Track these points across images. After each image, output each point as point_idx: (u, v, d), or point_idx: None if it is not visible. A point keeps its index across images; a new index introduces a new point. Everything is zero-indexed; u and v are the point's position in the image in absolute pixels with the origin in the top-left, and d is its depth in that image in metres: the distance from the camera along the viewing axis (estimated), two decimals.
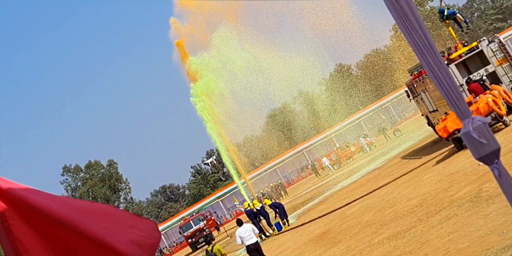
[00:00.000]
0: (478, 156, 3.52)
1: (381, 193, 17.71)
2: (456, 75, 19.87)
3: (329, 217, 19.35)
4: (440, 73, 3.57)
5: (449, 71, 3.59)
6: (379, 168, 27.38)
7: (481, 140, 3.45)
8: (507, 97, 17.99)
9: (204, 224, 43.98)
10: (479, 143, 3.46)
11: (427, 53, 3.55)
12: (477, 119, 3.52)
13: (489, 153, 3.48)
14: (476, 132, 3.46)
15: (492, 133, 3.49)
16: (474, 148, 3.51)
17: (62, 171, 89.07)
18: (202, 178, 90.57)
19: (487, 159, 3.51)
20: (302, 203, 33.06)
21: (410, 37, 3.52)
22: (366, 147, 50.77)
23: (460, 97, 3.58)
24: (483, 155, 3.49)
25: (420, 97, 22.94)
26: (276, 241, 21.67)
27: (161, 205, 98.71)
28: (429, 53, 3.56)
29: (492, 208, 8.90)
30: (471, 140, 3.49)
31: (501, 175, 3.53)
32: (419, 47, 3.54)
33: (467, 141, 3.53)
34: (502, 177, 3.54)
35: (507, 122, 17.14)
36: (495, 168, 3.51)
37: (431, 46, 3.54)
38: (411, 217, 11.61)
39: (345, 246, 12.82)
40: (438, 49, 4.02)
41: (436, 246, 8.55)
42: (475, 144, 3.49)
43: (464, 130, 3.52)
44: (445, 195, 11.75)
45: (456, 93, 3.59)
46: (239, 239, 15.57)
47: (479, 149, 3.48)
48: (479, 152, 3.49)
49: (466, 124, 3.52)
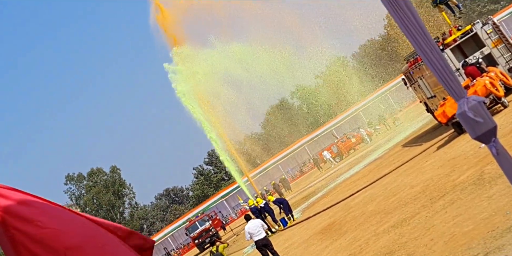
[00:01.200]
0: (475, 136, 3.52)
1: (384, 182, 17.63)
2: (452, 59, 19.76)
3: (334, 209, 19.27)
4: (432, 56, 3.56)
5: (441, 53, 3.56)
6: (380, 158, 27.29)
7: (477, 119, 3.45)
8: (504, 78, 17.86)
9: (210, 224, 43.91)
10: (475, 122, 3.46)
11: (419, 37, 3.53)
12: (472, 99, 3.52)
13: (486, 132, 3.48)
14: (471, 112, 3.46)
15: (488, 112, 3.48)
16: (470, 128, 3.51)
17: (65, 180, 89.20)
18: (205, 179, 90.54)
19: (485, 138, 3.51)
20: (306, 197, 32.97)
21: (401, 22, 3.50)
22: (366, 137, 50.69)
23: (454, 78, 3.57)
24: (480, 134, 3.49)
25: (417, 84, 22.86)
26: (283, 236, 21.59)
27: (166, 208, 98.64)
28: (420, 36, 3.54)
29: (495, 189, 8.79)
30: (467, 120, 3.50)
31: (499, 153, 3.53)
32: (410, 31, 3.51)
33: (463, 121, 3.53)
34: (500, 155, 3.54)
35: (506, 103, 17.02)
36: (492, 147, 3.52)
37: (422, 29, 3.52)
38: (415, 204, 11.52)
39: (351, 236, 12.75)
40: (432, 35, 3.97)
41: (441, 230, 8.44)
42: (471, 124, 3.49)
43: (459, 110, 3.52)
44: (447, 180, 11.65)
45: (449, 74, 3.58)
46: (248, 235, 15.49)
47: (475, 128, 3.48)
48: (476, 132, 3.49)
49: (461, 104, 3.52)
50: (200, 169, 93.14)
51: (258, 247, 15.48)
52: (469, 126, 3.51)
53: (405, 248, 8.85)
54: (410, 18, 3.50)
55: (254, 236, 15.31)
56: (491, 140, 3.52)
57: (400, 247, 9.12)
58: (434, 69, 3.59)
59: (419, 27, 3.51)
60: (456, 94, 3.57)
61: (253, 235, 15.32)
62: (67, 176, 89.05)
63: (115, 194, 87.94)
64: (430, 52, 3.54)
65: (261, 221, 16.24)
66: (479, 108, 3.48)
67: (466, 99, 3.52)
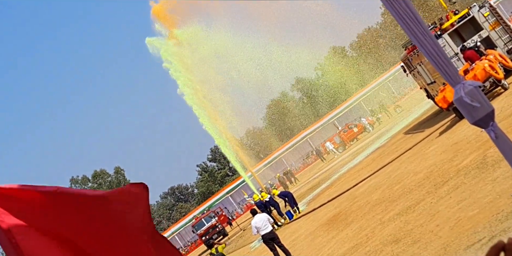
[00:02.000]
0: (473, 121, 3.51)
1: (388, 170, 17.56)
2: (450, 44, 19.67)
3: (339, 199, 19.22)
4: (426, 41, 3.53)
5: (435, 39, 3.54)
6: (383, 146, 27.20)
7: (474, 104, 3.44)
8: (503, 60, 17.73)
9: (216, 220, 43.90)
10: (472, 107, 3.45)
11: (411, 23, 3.49)
12: (468, 84, 3.50)
13: (484, 117, 3.46)
14: (468, 97, 3.44)
15: (484, 96, 3.46)
16: (468, 113, 3.50)
17: (70, 183, 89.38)
18: (209, 175, 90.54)
19: (483, 123, 3.50)
20: (310, 189, 32.92)
21: (393, 9, 3.45)
22: (368, 126, 50.58)
23: (449, 63, 3.54)
24: (477, 119, 3.48)
25: (416, 70, 22.74)
26: (289, 229, 21.55)
27: (172, 206, 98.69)
28: (413, 23, 3.50)
29: (498, 172, 8.70)
30: (464, 105, 3.48)
31: (498, 137, 3.52)
32: (403, 18, 3.46)
33: (460, 107, 3.50)
34: (499, 138, 3.53)
35: (506, 86, 16.90)
36: (491, 131, 3.51)
37: (414, 16, 3.48)
38: (419, 190, 11.45)
39: (357, 226, 12.69)
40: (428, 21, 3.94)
41: (446, 216, 8.37)
42: (468, 109, 3.47)
43: (456, 96, 3.50)
44: (451, 165, 11.58)
45: (444, 59, 3.55)
46: (255, 229, 15.44)
47: (473, 113, 3.47)
48: (474, 117, 3.47)
49: (457, 90, 3.50)
50: (204, 166, 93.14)
51: (265, 241, 15.44)
52: (467, 111, 3.49)
53: (411, 235, 8.78)
54: (402, 5, 3.44)
55: (261, 230, 15.27)
56: (489, 124, 3.50)
57: (406, 235, 9.05)
58: (429, 55, 3.57)
59: (411, 14, 3.46)
60: (452, 80, 3.55)
61: (260, 229, 15.28)
62: (71, 179, 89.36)
63: None
64: (424, 38, 3.51)
65: (267, 215, 16.19)
66: (476, 93, 3.46)
67: (463, 85, 3.49)
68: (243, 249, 25.47)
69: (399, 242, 8.97)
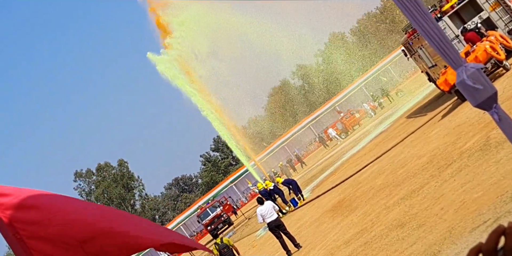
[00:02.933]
0: (476, 104, 3.47)
1: (391, 155, 17.51)
2: (450, 26, 19.52)
3: (343, 186, 19.19)
4: (426, 24, 3.49)
5: (435, 22, 3.50)
6: (386, 131, 27.14)
7: (477, 86, 3.40)
8: (504, 41, 17.58)
9: (221, 210, 43.95)
10: (475, 90, 3.41)
11: (410, 5, 3.45)
12: (470, 66, 3.45)
13: (487, 99, 3.42)
14: (470, 79, 3.41)
15: (487, 78, 3.41)
16: (471, 96, 3.45)
17: (74, 177, 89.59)
18: (213, 165, 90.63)
19: (485, 105, 3.45)
20: (314, 176, 32.91)
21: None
22: (370, 112, 50.46)
23: (450, 46, 3.50)
24: (480, 102, 3.44)
25: (417, 54, 22.60)
26: (294, 216, 21.56)
27: (177, 197, 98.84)
28: (412, 5, 3.46)
29: (502, 153, 8.63)
30: (467, 88, 3.44)
31: (501, 119, 3.47)
32: (401, 0, 3.42)
33: (463, 90, 3.47)
34: (502, 120, 3.48)
35: (508, 67, 16.78)
36: (494, 113, 3.46)
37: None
38: (423, 174, 11.40)
39: (361, 212, 12.66)
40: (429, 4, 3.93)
41: (451, 199, 8.32)
42: (471, 92, 3.43)
43: (458, 79, 3.46)
44: (454, 148, 11.50)
45: (445, 42, 3.51)
46: (260, 217, 15.45)
47: (476, 96, 3.43)
48: (477, 99, 3.44)
49: (460, 73, 3.47)
50: (207, 156, 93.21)
51: (271, 229, 15.45)
52: (469, 94, 3.44)
53: (416, 219, 8.74)
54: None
55: (267, 218, 15.29)
56: (492, 106, 3.45)
57: (411, 219, 9.01)
58: (430, 38, 3.53)
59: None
60: (454, 62, 3.51)
61: (265, 217, 15.30)
62: (75, 173, 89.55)
63: (125, 187, 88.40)
64: (424, 21, 3.48)
65: (272, 203, 16.20)
66: (478, 75, 3.42)
67: (464, 67, 3.45)
68: (249, 237, 25.51)
69: (404, 226, 8.93)
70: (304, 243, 14.43)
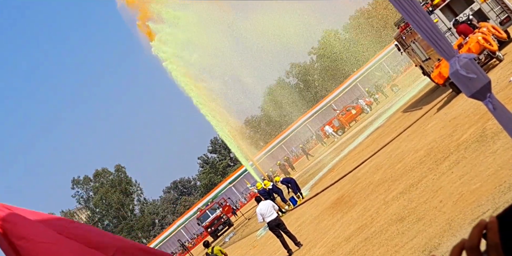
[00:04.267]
0: (470, 94, 3.49)
1: (388, 149, 17.48)
2: (442, 19, 19.50)
3: (341, 182, 19.15)
4: (419, 18, 3.52)
5: (427, 14, 3.53)
6: (382, 126, 27.11)
7: (470, 76, 3.43)
8: (496, 32, 17.56)
9: (221, 211, 43.87)
10: (468, 80, 3.44)
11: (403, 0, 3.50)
12: (463, 57, 3.49)
13: (480, 88, 3.45)
14: (463, 69, 3.44)
15: (480, 68, 3.42)
16: (465, 86, 3.49)
17: (72, 184, 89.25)
18: (211, 167, 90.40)
19: (480, 95, 3.48)
20: (312, 174, 32.88)
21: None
22: (366, 107, 50.44)
23: (442, 38, 3.54)
24: (475, 92, 3.46)
25: (410, 48, 22.59)
26: (294, 215, 21.51)
27: (176, 200, 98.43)
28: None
29: (498, 144, 8.59)
30: (460, 78, 3.48)
31: (496, 108, 3.50)
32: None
33: (456, 80, 3.49)
34: (497, 110, 3.51)
35: (501, 57, 16.76)
36: (489, 102, 3.49)
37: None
38: (420, 168, 11.36)
39: (361, 208, 12.62)
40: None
41: (449, 191, 8.28)
42: (465, 82, 3.47)
43: (452, 69, 3.49)
44: (450, 140, 11.47)
45: (437, 34, 3.55)
46: (260, 217, 15.38)
47: (469, 86, 3.46)
48: (471, 89, 3.46)
49: (452, 64, 3.49)
50: (204, 158, 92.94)
51: (271, 228, 15.39)
52: (463, 84, 3.48)
53: (415, 213, 8.69)
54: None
55: (266, 217, 15.22)
56: (487, 96, 3.48)
57: (410, 213, 8.97)
58: (422, 31, 3.57)
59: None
60: (446, 54, 3.54)
61: (265, 216, 15.23)
62: (73, 180, 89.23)
63: (123, 192, 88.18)
64: (416, 14, 3.50)
65: (271, 202, 16.14)
66: (471, 65, 3.45)
67: (457, 58, 3.48)
68: (249, 237, 25.45)
69: (403, 220, 8.89)
70: (304, 241, 14.37)
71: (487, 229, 1.02)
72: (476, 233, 1.02)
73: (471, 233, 1.02)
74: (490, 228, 1.01)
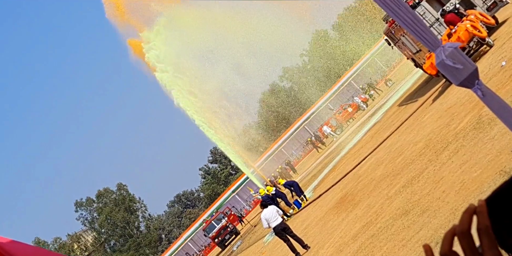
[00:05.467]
0: (458, 82, 3.49)
1: (387, 144, 17.38)
2: (429, 10, 19.47)
3: (343, 181, 19.03)
4: (401, 12, 3.51)
5: (408, 7, 3.52)
6: (379, 121, 27.04)
7: (457, 66, 3.42)
8: (484, 19, 17.49)
9: (226, 221, 43.59)
10: (455, 69, 3.43)
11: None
12: (448, 46, 3.48)
13: (468, 76, 3.44)
14: (450, 59, 3.42)
15: (466, 56, 3.41)
16: (452, 76, 3.47)
17: (75, 207, 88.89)
18: (213, 177, 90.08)
19: (468, 83, 3.48)
20: (314, 175, 32.71)
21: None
22: (362, 104, 50.37)
23: (426, 29, 3.54)
24: (462, 80, 3.45)
25: (400, 41, 22.56)
26: (299, 218, 21.36)
27: (180, 214, 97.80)
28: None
29: (495, 130, 8.48)
30: (447, 68, 3.46)
31: (485, 94, 3.49)
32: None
33: (444, 70, 3.49)
34: (486, 96, 3.50)
35: (491, 43, 16.67)
36: (477, 89, 3.48)
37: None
38: (421, 160, 11.25)
39: (365, 205, 12.51)
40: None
41: (451, 181, 8.17)
42: (452, 71, 3.45)
43: (438, 59, 3.48)
44: (448, 130, 11.37)
45: (420, 26, 3.55)
46: (265, 222, 15.25)
47: (457, 75, 3.44)
48: (458, 78, 3.45)
49: (438, 54, 3.48)
50: (206, 169, 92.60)
51: (277, 233, 15.26)
52: (450, 73, 3.47)
53: (419, 205, 8.57)
54: None
55: (271, 222, 15.10)
56: (475, 83, 3.47)
57: (414, 206, 8.84)
58: (405, 24, 3.57)
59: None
60: (431, 44, 3.54)
61: (270, 221, 15.11)
62: (76, 202, 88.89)
63: (127, 210, 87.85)
64: (398, 8, 3.50)
65: (275, 207, 16.01)
66: (457, 54, 3.44)
67: (442, 48, 3.47)
68: (257, 244, 25.25)
69: (408, 214, 8.76)
70: (312, 243, 14.21)
71: (476, 213, 1.01)
72: (466, 218, 1.01)
73: (461, 218, 1.01)
74: (480, 211, 1.00)
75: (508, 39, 14.84)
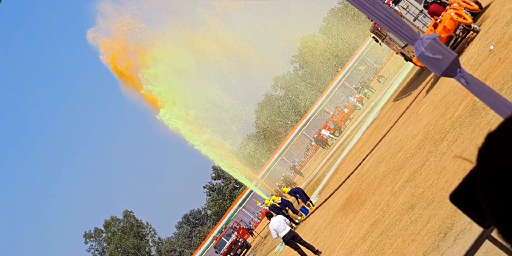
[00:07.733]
0: (440, 73, 3.49)
1: (386, 141, 17.30)
2: (413, 3, 19.49)
3: (347, 182, 18.91)
4: (374, 8, 3.52)
5: (381, 3, 3.51)
6: (376, 119, 26.94)
7: (437, 56, 3.42)
8: (467, 5, 17.42)
9: (236, 235, 43.23)
10: (436, 59, 3.44)
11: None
12: (426, 38, 3.49)
13: (449, 65, 3.43)
14: (429, 51, 3.43)
15: (444, 45, 3.43)
16: (434, 67, 3.48)
17: (84, 238, 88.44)
18: (218, 193, 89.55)
19: (450, 72, 3.47)
20: (318, 179, 32.50)
21: None
22: (358, 104, 50.29)
23: (401, 23, 3.54)
24: (444, 69, 3.46)
25: (388, 37, 22.56)
26: (308, 224, 21.19)
27: (190, 234, 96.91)
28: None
29: (490, 114, 8.37)
30: (428, 60, 3.47)
31: (469, 82, 3.48)
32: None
33: (425, 62, 3.49)
34: (470, 83, 3.50)
35: (477, 29, 16.55)
36: (460, 77, 3.47)
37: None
38: (421, 152, 11.11)
39: (371, 204, 12.39)
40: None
41: (453, 170, 8.03)
42: (433, 62, 3.46)
43: (417, 52, 3.48)
44: (445, 120, 11.24)
45: (395, 20, 3.56)
46: (274, 232, 15.16)
47: (438, 65, 3.45)
48: (440, 68, 3.45)
49: (417, 47, 3.49)
50: (210, 186, 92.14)
51: (287, 242, 15.15)
52: (432, 65, 3.47)
53: (424, 198, 8.40)
54: None
55: (280, 232, 15.01)
56: (457, 71, 3.46)
57: (419, 199, 8.68)
58: (380, 21, 3.57)
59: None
60: (409, 38, 3.54)
61: (279, 231, 15.02)
62: (84, 234, 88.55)
63: (136, 236, 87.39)
64: (371, 5, 3.50)
65: (282, 216, 15.89)
66: (435, 45, 3.44)
67: (421, 40, 3.47)
68: (269, 255, 24.98)
69: (414, 207, 8.60)
70: (323, 248, 14.04)
71: None
72: None
73: None
74: None
75: (493, 23, 14.73)
